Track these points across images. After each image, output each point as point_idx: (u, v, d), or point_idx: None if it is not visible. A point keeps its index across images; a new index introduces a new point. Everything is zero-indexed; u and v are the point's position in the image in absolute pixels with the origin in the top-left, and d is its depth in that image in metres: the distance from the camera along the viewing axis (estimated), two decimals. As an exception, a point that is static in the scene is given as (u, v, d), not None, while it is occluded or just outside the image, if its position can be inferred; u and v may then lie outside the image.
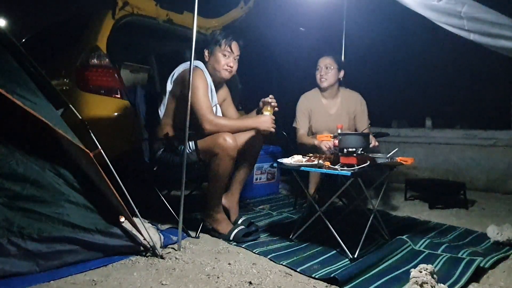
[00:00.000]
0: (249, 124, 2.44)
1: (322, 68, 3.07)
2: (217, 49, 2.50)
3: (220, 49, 2.50)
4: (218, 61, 2.50)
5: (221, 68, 2.51)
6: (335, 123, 2.88)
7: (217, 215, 2.45)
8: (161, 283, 1.73)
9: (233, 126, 2.39)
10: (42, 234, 1.76)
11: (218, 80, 2.58)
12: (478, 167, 4.41)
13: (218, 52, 2.50)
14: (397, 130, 5.02)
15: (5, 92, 1.64)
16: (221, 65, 2.51)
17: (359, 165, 2.09)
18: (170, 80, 2.54)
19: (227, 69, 2.52)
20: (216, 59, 2.51)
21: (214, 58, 2.51)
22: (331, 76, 3.06)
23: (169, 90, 2.52)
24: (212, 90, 2.52)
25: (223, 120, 2.43)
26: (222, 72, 2.52)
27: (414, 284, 1.61)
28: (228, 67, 2.52)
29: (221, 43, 2.49)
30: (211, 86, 2.51)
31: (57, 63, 3.17)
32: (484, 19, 2.42)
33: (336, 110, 3.17)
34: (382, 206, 3.41)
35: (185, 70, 2.44)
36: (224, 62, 2.50)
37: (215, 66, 2.52)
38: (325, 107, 3.18)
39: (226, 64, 2.51)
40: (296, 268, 1.94)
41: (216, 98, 2.56)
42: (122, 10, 3.19)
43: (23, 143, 1.84)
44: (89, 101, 2.90)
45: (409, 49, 5.30)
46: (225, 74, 2.54)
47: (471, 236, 2.59)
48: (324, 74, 3.06)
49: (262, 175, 3.87)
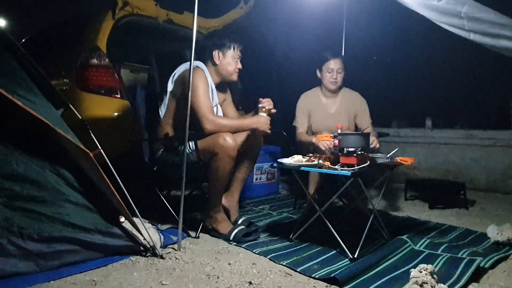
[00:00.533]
0: (247, 124, 2.45)
1: (334, 71, 3.05)
2: (230, 53, 2.55)
3: (234, 53, 2.56)
4: (231, 64, 2.56)
5: (234, 71, 2.59)
6: (334, 122, 2.92)
7: (217, 215, 2.45)
8: (161, 283, 1.73)
9: (233, 126, 2.41)
10: (42, 234, 1.76)
11: (222, 80, 2.62)
12: (478, 167, 4.41)
13: (231, 55, 2.55)
14: (397, 130, 5.01)
15: (5, 92, 1.64)
16: (233, 68, 2.58)
17: (359, 165, 2.09)
18: (171, 80, 2.55)
19: (237, 72, 2.61)
20: (228, 62, 2.56)
21: (226, 61, 2.55)
22: (341, 79, 3.08)
23: (170, 90, 2.53)
24: (213, 90, 2.53)
25: (223, 120, 2.44)
26: (234, 75, 2.60)
27: (414, 284, 1.61)
28: (237, 70, 2.60)
29: (234, 48, 2.55)
30: (212, 86, 2.52)
31: (57, 63, 3.17)
32: (484, 19, 2.42)
33: (335, 109, 3.17)
34: (382, 206, 3.41)
35: (186, 70, 2.45)
36: (235, 66, 2.58)
37: (227, 69, 2.57)
38: (325, 106, 3.18)
39: (237, 67, 2.59)
40: (296, 268, 1.94)
41: (217, 98, 2.57)
42: (122, 10, 3.19)
43: (23, 143, 1.84)
44: (89, 101, 2.90)
45: (409, 49, 5.29)
46: (235, 77, 2.62)
47: (471, 236, 2.59)
48: (336, 78, 3.06)
49: (262, 175, 3.87)
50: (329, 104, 3.18)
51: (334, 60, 3.06)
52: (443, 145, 4.68)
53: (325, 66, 3.07)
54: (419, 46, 5.21)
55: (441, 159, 4.65)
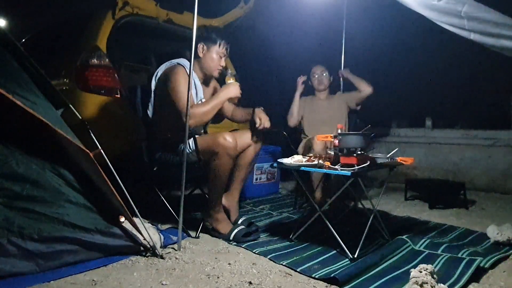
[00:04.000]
0: (220, 97, 2.43)
1: (318, 73, 3.55)
2: (215, 48, 2.51)
3: (218, 49, 2.51)
4: (213, 60, 2.52)
5: (215, 67, 2.54)
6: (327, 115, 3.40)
7: (217, 215, 2.45)
8: (161, 283, 1.73)
9: (210, 108, 2.38)
10: (42, 234, 1.76)
11: (206, 76, 2.60)
12: (478, 167, 4.41)
13: (215, 51, 2.51)
14: (397, 130, 5.01)
15: (5, 92, 1.63)
16: (215, 64, 2.54)
17: (359, 165, 2.09)
18: (154, 79, 2.55)
19: (219, 69, 2.56)
20: (211, 57, 2.52)
21: (210, 55, 2.52)
22: (326, 79, 3.54)
23: (154, 89, 2.54)
24: (197, 86, 2.52)
25: (198, 108, 2.35)
26: (215, 71, 2.56)
27: (414, 284, 1.61)
28: (220, 67, 2.56)
29: (220, 44, 2.51)
30: (195, 82, 2.50)
31: (57, 63, 3.17)
32: (485, 19, 2.42)
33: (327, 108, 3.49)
34: (382, 206, 3.40)
35: (168, 68, 2.48)
36: (218, 62, 2.54)
37: (209, 63, 2.53)
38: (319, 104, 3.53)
39: (219, 64, 2.55)
40: (296, 268, 1.94)
41: (201, 93, 2.55)
42: (122, 10, 3.19)
43: (23, 143, 1.83)
44: (89, 101, 2.90)
45: (409, 49, 5.29)
46: (216, 74, 2.58)
47: (471, 236, 2.59)
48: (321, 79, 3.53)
49: (262, 175, 3.87)
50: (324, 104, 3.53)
51: (316, 66, 3.56)
52: (443, 145, 4.68)
53: (312, 73, 3.56)
54: (419, 46, 5.20)
55: (441, 159, 4.65)
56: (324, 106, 3.52)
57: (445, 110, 5.15)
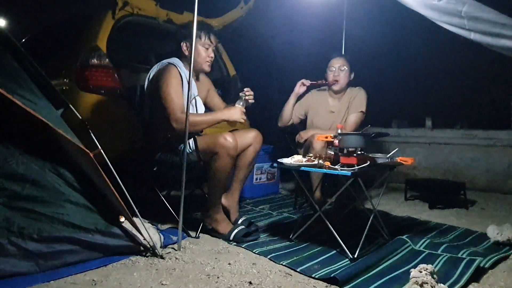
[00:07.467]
0: (218, 116, 2.41)
1: (336, 69, 3.04)
2: (197, 42, 2.45)
3: (201, 41, 2.48)
4: (199, 54, 2.49)
5: (203, 61, 2.52)
6: (333, 121, 3.01)
7: (217, 215, 2.45)
8: (161, 283, 1.73)
9: (203, 122, 2.38)
10: (42, 234, 1.76)
11: (197, 72, 2.58)
12: (478, 167, 4.41)
13: (199, 45, 2.47)
14: (397, 130, 5.01)
15: (5, 92, 1.63)
16: (202, 58, 2.51)
17: (359, 165, 2.09)
18: (147, 80, 2.54)
19: (208, 62, 2.53)
20: (197, 53, 2.47)
21: (195, 51, 2.42)
22: (344, 77, 3.04)
23: (147, 91, 2.54)
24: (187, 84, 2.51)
25: (192, 117, 2.27)
26: (204, 65, 2.53)
27: (414, 284, 1.61)
28: (209, 58, 2.53)
29: (201, 36, 2.47)
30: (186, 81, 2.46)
31: (57, 63, 3.17)
32: (485, 19, 2.42)
33: (339, 109, 3.11)
34: (382, 206, 3.40)
35: (160, 69, 2.46)
36: (205, 54, 2.51)
37: (197, 59, 2.49)
38: (329, 104, 3.15)
39: (207, 56, 2.52)
40: (296, 268, 1.94)
41: (195, 90, 2.52)
42: (122, 10, 3.19)
43: (23, 143, 1.83)
44: (89, 101, 2.90)
45: (409, 49, 5.30)
46: (206, 67, 2.55)
47: (471, 236, 2.59)
48: (338, 75, 3.03)
49: (262, 175, 3.87)
50: (334, 104, 3.14)
51: (335, 58, 3.08)
52: (443, 145, 4.68)
53: (328, 65, 3.09)
54: (419, 46, 5.21)
55: (441, 159, 4.65)
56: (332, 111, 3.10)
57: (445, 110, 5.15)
